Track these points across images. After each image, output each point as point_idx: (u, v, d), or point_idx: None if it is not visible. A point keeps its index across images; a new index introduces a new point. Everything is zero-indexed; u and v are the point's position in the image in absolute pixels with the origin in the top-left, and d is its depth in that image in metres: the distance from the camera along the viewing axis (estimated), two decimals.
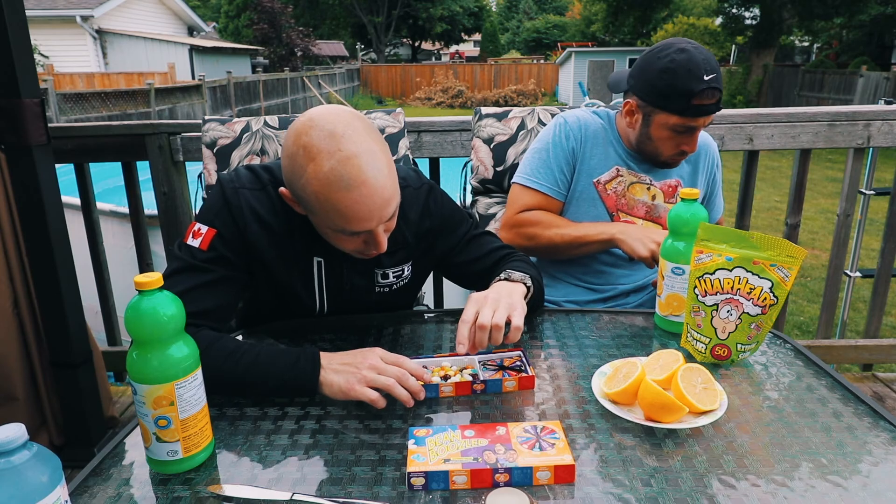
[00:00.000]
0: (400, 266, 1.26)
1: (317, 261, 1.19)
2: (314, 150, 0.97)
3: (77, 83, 12.98)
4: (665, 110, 1.42)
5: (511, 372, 1.01)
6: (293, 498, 0.76)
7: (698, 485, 0.78)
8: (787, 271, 1.02)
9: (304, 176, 0.98)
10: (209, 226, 1.10)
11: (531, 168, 1.59)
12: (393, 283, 1.27)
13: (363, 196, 0.97)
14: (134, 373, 0.79)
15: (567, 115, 1.61)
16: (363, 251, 1.10)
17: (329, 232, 1.07)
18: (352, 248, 1.08)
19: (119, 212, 3.04)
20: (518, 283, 1.13)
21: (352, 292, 1.24)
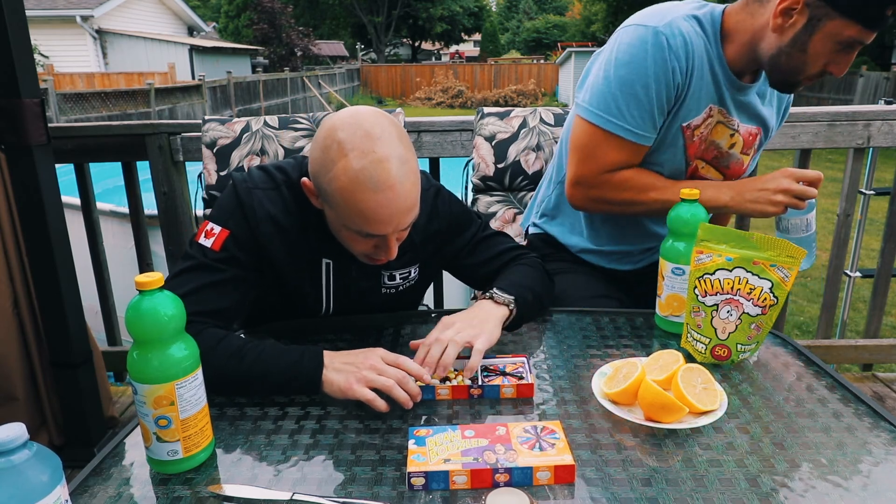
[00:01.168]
0: (407, 268, 1.26)
1: (325, 262, 1.19)
2: (348, 146, 0.98)
3: (77, 83, 12.98)
4: (847, 16, 1.13)
5: (511, 378, 1.01)
6: (293, 498, 0.76)
7: (698, 485, 0.78)
8: (787, 271, 1.02)
9: (332, 170, 0.99)
10: (222, 226, 1.10)
11: (620, 107, 1.27)
12: (400, 285, 1.27)
13: (387, 200, 0.98)
14: (134, 372, 0.79)
15: (667, 32, 1.24)
16: (372, 255, 1.10)
17: (343, 230, 1.07)
18: (361, 249, 1.09)
19: (119, 212, 3.04)
20: (501, 305, 1.12)
21: (359, 294, 1.25)
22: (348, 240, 1.08)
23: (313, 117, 1.79)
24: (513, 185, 1.81)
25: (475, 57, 40.62)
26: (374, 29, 32.65)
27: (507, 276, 1.22)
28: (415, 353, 1.03)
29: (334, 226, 1.09)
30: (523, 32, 44.09)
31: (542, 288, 1.24)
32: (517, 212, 1.80)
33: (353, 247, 1.10)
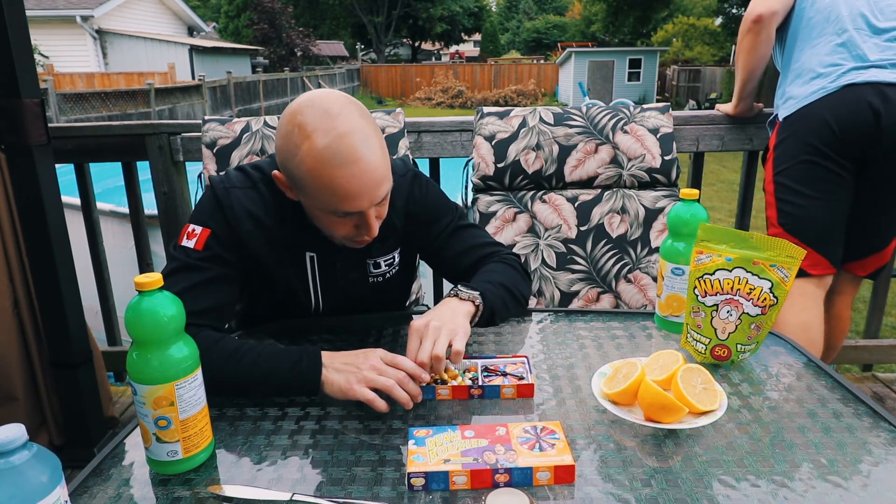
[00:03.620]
0: (390, 254, 1.27)
1: (309, 255, 1.20)
2: (309, 128, 0.98)
3: (77, 83, 12.99)
4: None
5: (511, 378, 1.01)
6: (293, 498, 0.76)
7: (698, 485, 0.78)
8: (787, 272, 1.02)
9: (298, 154, 0.99)
10: (203, 226, 1.11)
11: None
12: (386, 272, 1.28)
13: (356, 173, 0.99)
14: (134, 373, 0.79)
15: None
16: (354, 237, 1.10)
17: (321, 215, 1.07)
18: (343, 233, 1.09)
19: (119, 212, 3.04)
20: (466, 301, 1.09)
21: (347, 286, 1.25)
22: (328, 225, 1.08)
23: None
24: (513, 184, 1.81)
25: (475, 57, 40.62)
26: (374, 29, 32.65)
27: (478, 275, 1.21)
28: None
29: (312, 213, 1.09)
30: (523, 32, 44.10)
31: (514, 285, 1.20)
32: (517, 211, 1.80)
33: (334, 231, 1.09)
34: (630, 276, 1.76)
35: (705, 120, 2.09)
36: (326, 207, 1.03)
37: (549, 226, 1.79)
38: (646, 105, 1.88)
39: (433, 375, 1.00)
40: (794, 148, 1.68)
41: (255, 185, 1.15)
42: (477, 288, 1.12)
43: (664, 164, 1.78)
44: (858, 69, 1.60)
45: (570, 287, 1.77)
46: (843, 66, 1.62)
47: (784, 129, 1.73)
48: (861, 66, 1.60)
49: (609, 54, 23.47)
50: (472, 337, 1.20)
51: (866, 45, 1.61)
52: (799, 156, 1.66)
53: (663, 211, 1.77)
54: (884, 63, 1.58)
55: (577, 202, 1.80)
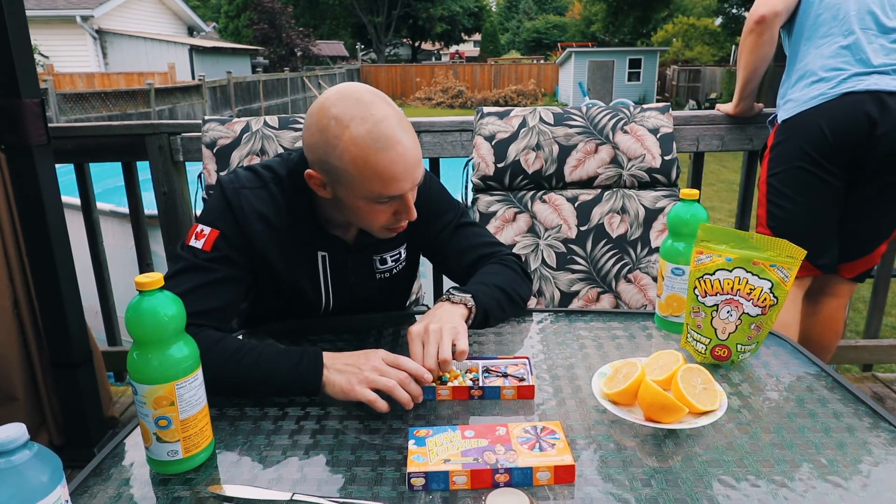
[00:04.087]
0: (396, 249, 1.28)
1: (321, 255, 1.20)
2: (346, 118, 1.00)
3: (77, 83, 12.99)
4: None
5: (512, 379, 1.01)
6: (293, 498, 0.76)
7: (698, 485, 0.78)
8: (787, 272, 1.02)
9: (339, 145, 1.00)
10: (212, 227, 1.10)
11: None
12: (392, 268, 1.29)
13: (399, 155, 1.00)
14: (134, 373, 0.79)
15: None
16: (392, 225, 1.10)
17: (362, 205, 1.06)
18: (382, 221, 1.09)
19: (119, 212, 3.04)
20: (458, 304, 1.09)
21: (355, 283, 1.25)
22: (368, 215, 1.08)
23: None
24: (513, 184, 1.81)
25: (475, 57, 40.60)
26: (374, 29, 32.65)
27: (475, 276, 1.21)
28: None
29: (351, 205, 1.07)
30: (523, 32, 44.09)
31: (510, 286, 1.20)
32: (518, 211, 1.80)
33: (372, 221, 1.09)
34: (630, 276, 1.76)
35: (705, 120, 2.09)
36: (370, 194, 1.03)
37: (549, 226, 1.79)
38: (646, 105, 1.88)
39: (438, 373, 1.00)
40: (788, 152, 1.70)
41: (266, 185, 1.14)
42: (469, 291, 1.12)
43: (664, 164, 1.78)
44: (860, 75, 1.60)
45: (570, 287, 1.77)
46: (846, 72, 1.62)
47: (781, 132, 1.74)
48: (863, 73, 1.60)
49: (609, 54, 23.47)
50: (473, 337, 1.20)
51: (872, 46, 1.61)
52: (793, 161, 1.69)
53: (663, 211, 1.77)
54: (886, 68, 1.58)
55: (577, 202, 1.80)
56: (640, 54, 23.08)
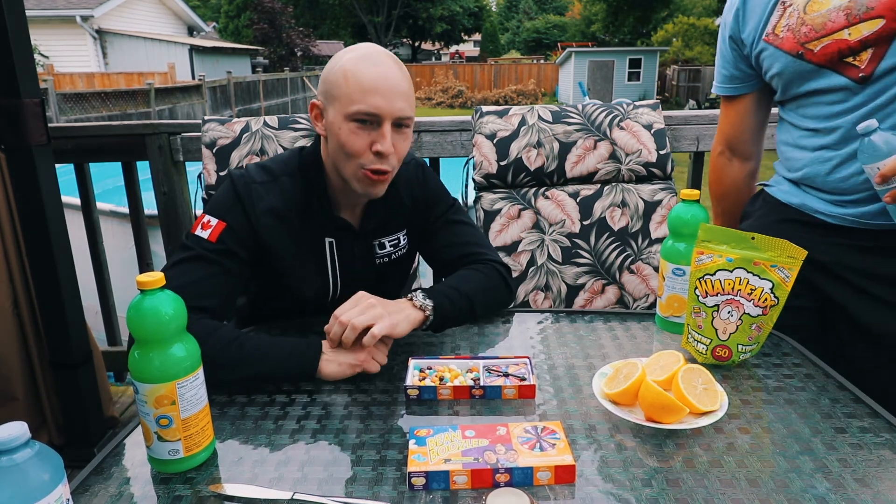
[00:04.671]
0: (395, 235, 1.32)
1: (328, 241, 1.25)
2: (353, 48, 1.14)
3: (77, 83, 12.98)
4: None
5: (513, 378, 1.01)
6: (294, 497, 0.77)
7: (699, 485, 0.78)
8: (788, 272, 1.03)
9: (338, 63, 1.12)
10: (219, 219, 1.14)
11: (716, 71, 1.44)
12: (391, 254, 1.33)
13: (383, 74, 1.09)
14: (136, 372, 0.79)
15: None
16: (368, 162, 1.12)
17: (343, 126, 1.11)
18: (360, 154, 1.12)
19: (119, 212, 3.04)
20: (417, 309, 1.11)
21: (359, 268, 1.29)
22: (347, 142, 1.11)
23: None
24: (515, 181, 1.82)
25: (475, 57, 40.61)
26: (374, 29, 32.65)
27: (451, 278, 1.23)
28: (418, 356, 1.03)
29: (335, 133, 1.12)
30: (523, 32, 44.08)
31: (483, 295, 1.22)
32: (522, 208, 1.81)
33: (351, 151, 1.11)
34: (633, 267, 1.78)
35: (705, 120, 2.10)
36: (350, 108, 1.09)
37: (553, 221, 1.80)
38: (638, 102, 1.90)
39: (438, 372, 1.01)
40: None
41: (276, 179, 1.20)
42: (435, 297, 1.13)
43: (660, 159, 1.81)
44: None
45: (575, 280, 1.79)
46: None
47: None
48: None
49: (609, 54, 23.47)
50: (475, 337, 1.20)
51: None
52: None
53: (661, 203, 1.80)
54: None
55: (579, 197, 1.81)
56: (640, 54, 23.08)
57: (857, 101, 1.18)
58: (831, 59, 1.17)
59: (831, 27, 1.15)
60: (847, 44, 1.15)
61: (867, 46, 1.13)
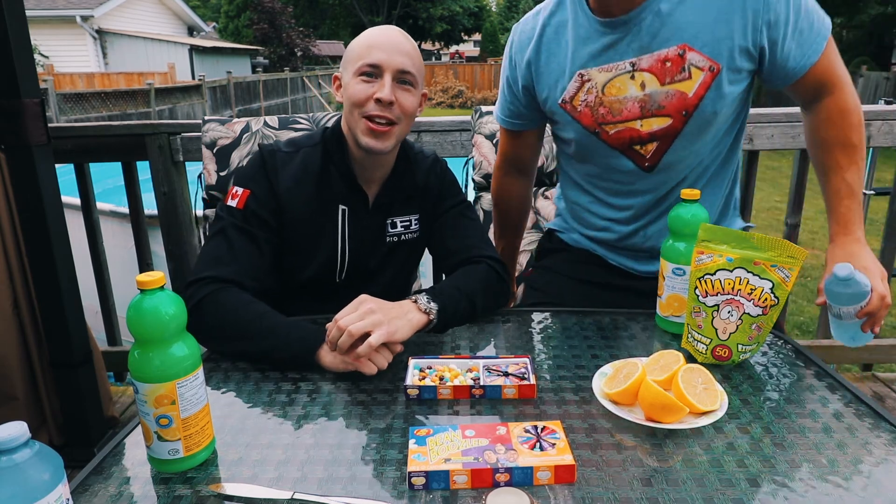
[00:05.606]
0: (408, 216, 1.38)
1: (342, 208, 1.31)
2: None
3: (77, 83, 12.99)
4: None
5: (513, 378, 1.01)
6: (294, 497, 0.76)
7: (698, 485, 0.78)
8: (788, 272, 1.03)
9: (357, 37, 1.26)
10: (244, 188, 1.25)
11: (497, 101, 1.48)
12: (401, 233, 1.38)
13: (387, 33, 1.23)
14: (136, 371, 0.79)
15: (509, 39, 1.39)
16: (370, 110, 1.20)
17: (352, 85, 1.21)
18: (362, 96, 1.20)
19: (119, 212, 3.04)
20: (422, 313, 1.12)
21: (369, 240, 1.35)
22: (353, 93, 1.21)
23: (313, 117, 1.79)
24: None
25: (475, 57, 40.57)
26: None
27: (456, 276, 1.26)
28: (419, 356, 1.03)
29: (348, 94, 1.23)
30: None
31: (484, 294, 1.25)
32: None
33: (355, 101, 1.21)
34: None
35: None
36: (356, 64, 1.21)
37: (551, 220, 1.79)
38: None
39: (438, 371, 1.01)
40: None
41: (300, 149, 1.31)
42: (438, 300, 1.14)
43: None
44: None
45: None
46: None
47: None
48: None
49: None
50: (475, 336, 1.21)
51: None
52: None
53: None
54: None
55: None
56: None
57: (644, 186, 1.28)
58: (622, 144, 1.25)
59: (627, 115, 1.22)
60: (638, 133, 1.22)
61: (654, 140, 1.21)
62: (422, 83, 1.28)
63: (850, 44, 18.74)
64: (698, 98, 1.18)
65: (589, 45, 1.22)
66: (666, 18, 1.16)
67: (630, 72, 1.20)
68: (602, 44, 1.21)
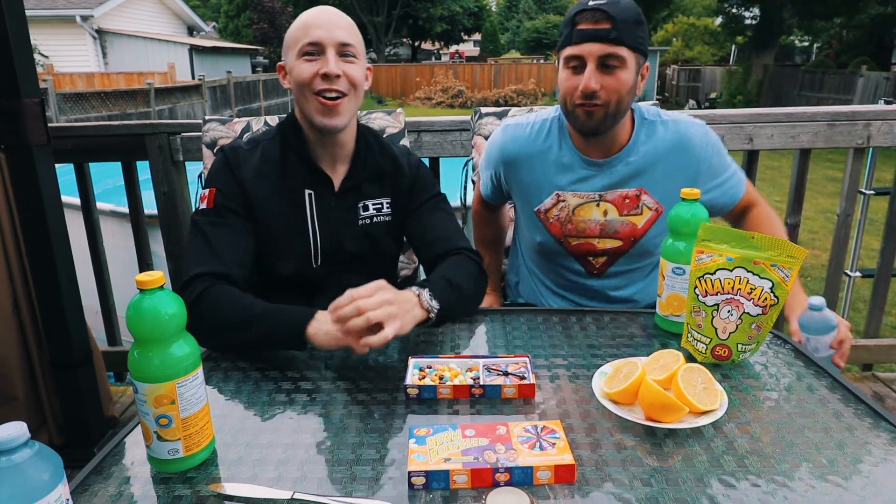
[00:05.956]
0: (379, 200, 1.41)
1: (308, 193, 1.34)
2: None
3: (77, 83, 12.98)
4: (560, 47, 1.35)
5: (513, 377, 1.01)
6: (294, 497, 0.77)
7: (698, 485, 0.78)
8: (788, 271, 1.03)
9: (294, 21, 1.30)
10: (209, 187, 1.30)
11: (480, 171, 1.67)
12: (373, 216, 1.40)
13: (323, 10, 1.28)
14: (135, 371, 0.79)
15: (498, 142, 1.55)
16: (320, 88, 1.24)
17: (296, 66, 1.26)
18: (308, 74, 1.25)
19: (119, 212, 3.04)
20: (423, 310, 1.14)
21: (340, 223, 1.36)
22: (299, 74, 1.26)
23: None
24: None
25: (475, 57, 40.56)
26: (374, 29, 32.63)
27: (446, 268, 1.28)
28: (419, 356, 1.03)
29: (294, 76, 1.27)
30: (523, 32, 44.03)
31: (473, 289, 1.30)
32: None
33: (302, 80, 1.25)
34: None
35: (705, 120, 2.09)
36: (296, 47, 1.25)
37: None
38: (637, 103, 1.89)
39: (438, 371, 1.00)
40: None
41: (259, 144, 1.35)
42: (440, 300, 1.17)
43: None
44: None
45: None
46: None
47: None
48: None
49: None
50: (475, 335, 1.21)
51: None
52: None
53: None
54: None
55: None
56: None
57: (590, 284, 1.54)
58: (579, 253, 1.51)
59: (588, 233, 1.48)
60: (594, 248, 1.49)
61: (605, 255, 1.50)
62: (363, 56, 1.31)
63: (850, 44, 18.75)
64: (644, 230, 1.47)
65: (569, 173, 1.47)
66: (633, 168, 1.43)
67: (597, 201, 1.46)
68: (579, 175, 1.46)
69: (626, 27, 1.27)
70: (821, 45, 22.67)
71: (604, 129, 1.36)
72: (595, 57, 1.28)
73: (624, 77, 1.30)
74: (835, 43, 20.85)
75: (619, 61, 1.29)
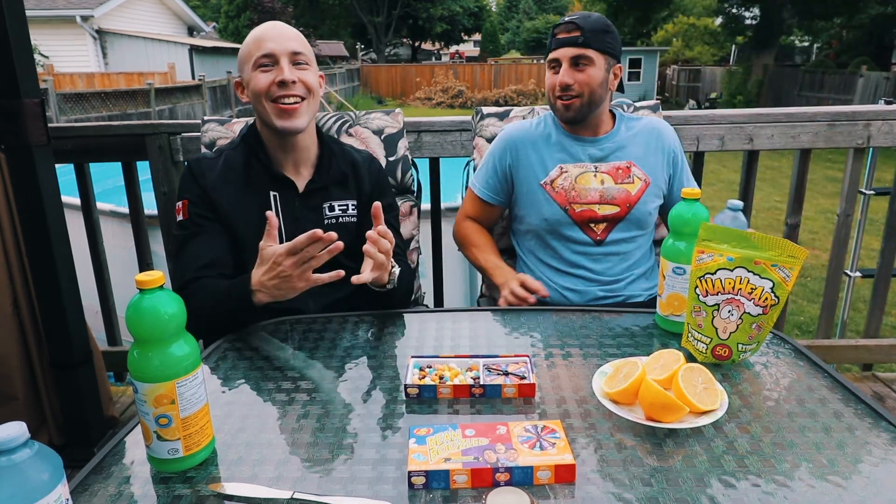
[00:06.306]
0: (345, 201, 1.46)
1: (273, 195, 1.40)
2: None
3: (77, 83, 12.98)
4: (545, 54, 1.63)
5: (513, 377, 1.01)
6: (294, 497, 0.76)
7: (699, 485, 0.78)
8: (789, 271, 1.02)
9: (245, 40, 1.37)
10: (181, 199, 1.37)
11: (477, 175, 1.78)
12: (339, 216, 1.45)
13: (272, 25, 1.36)
14: (135, 371, 0.79)
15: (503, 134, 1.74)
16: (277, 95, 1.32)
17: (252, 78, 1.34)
18: (264, 84, 1.32)
19: (119, 212, 3.04)
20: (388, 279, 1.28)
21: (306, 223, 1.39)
22: (256, 85, 1.33)
23: None
24: None
25: (475, 57, 40.56)
26: (374, 29, 32.64)
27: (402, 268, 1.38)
28: (418, 355, 1.03)
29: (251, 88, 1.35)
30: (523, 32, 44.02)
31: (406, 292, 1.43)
32: None
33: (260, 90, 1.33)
34: None
35: (705, 120, 2.10)
36: (250, 59, 1.33)
37: None
38: (639, 103, 1.89)
39: (438, 371, 1.00)
40: None
41: (222, 153, 1.42)
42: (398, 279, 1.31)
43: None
44: None
45: None
46: None
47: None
48: None
49: None
50: (475, 335, 1.21)
51: None
52: None
53: None
54: None
55: None
56: (640, 54, 23.05)
57: (593, 252, 1.64)
58: (582, 220, 1.63)
59: (590, 199, 1.63)
60: (595, 215, 1.63)
61: (605, 221, 1.63)
62: (315, 64, 1.40)
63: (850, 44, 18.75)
64: (638, 198, 1.64)
65: (566, 150, 1.66)
66: (618, 144, 1.66)
67: (594, 171, 1.65)
68: (576, 150, 1.66)
69: (594, 34, 1.54)
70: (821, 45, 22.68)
71: (581, 118, 1.61)
72: (568, 58, 1.56)
73: (593, 73, 1.56)
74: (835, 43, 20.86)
75: (587, 61, 1.55)
